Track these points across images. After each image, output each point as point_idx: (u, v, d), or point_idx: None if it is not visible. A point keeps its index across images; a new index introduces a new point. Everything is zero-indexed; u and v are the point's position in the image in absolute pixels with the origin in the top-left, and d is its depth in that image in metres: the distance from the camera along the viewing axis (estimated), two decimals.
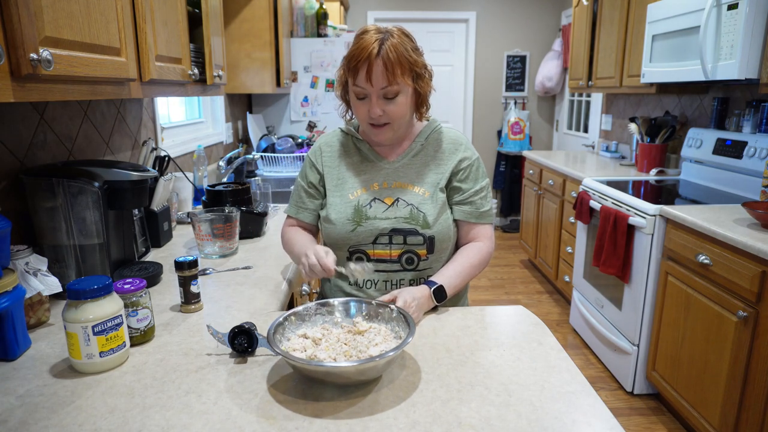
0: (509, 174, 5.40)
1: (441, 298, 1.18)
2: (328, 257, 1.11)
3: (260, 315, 1.18)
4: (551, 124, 5.50)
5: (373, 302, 1.05)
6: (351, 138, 1.33)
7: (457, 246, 1.32)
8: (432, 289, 1.16)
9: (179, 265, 1.16)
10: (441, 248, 1.25)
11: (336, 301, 1.07)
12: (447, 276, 1.21)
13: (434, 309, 1.21)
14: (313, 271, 1.11)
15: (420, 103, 1.24)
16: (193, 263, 1.17)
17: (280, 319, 0.98)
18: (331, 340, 0.96)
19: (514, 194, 5.45)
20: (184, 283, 1.18)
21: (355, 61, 1.13)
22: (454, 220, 1.28)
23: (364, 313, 1.05)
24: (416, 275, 1.26)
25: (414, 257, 1.24)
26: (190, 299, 1.19)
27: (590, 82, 3.74)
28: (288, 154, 3.13)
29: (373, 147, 1.30)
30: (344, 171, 1.30)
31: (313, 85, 3.63)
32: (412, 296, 1.11)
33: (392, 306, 1.02)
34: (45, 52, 0.82)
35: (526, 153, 4.28)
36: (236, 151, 3.08)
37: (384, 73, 1.13)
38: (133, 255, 1.48)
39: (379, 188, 1.26)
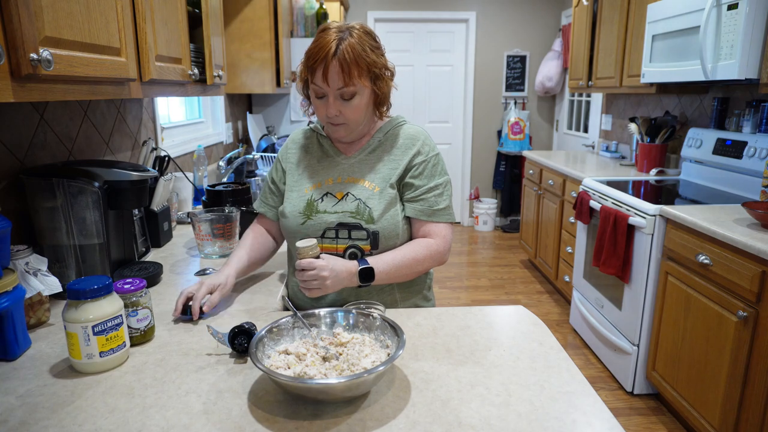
0: (509, 174, 5.40)
1: (367, 279, 1.15)
2: (197, 299, 1.15)
3: (260, 315, 1.18)
4: (551, 124, 5.50)
5: (353, 311, 1.02)
6: (316, 134, 1.34)
7: None
8: (360, 267, 1.14)
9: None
10: (386, 245, 1.23)
11: (316, 312, 1.02)
12: (383, 261, 1.18)
13: (431, 309, 1.21)
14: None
15: (379, 102, 1.23)
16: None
17: (256, 338, 0.91)
18: (315, 355, 0.91)
19: (514, 194, 5.45)
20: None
21: (313, 60, 1.13)
22: (407, 218, 1.26)
23: (344, 324, 1.01)
24: None
25: (357, 252, 1.22)
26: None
27: (590, 82, 3.74)
28: None
29: (333, 143, 1.31)
30: (304, 167, 1.31)
31: None
32: (330, 267, 1.10)
33: (374, 314, 1.00)
34: (45, 52, 0.82)
35: (526, 153, 4.28)
36: (236, 151, 3.08)
37: (340, 74, 1.12)
38: (133, 255, 1.48)
39: (333, 183, 1.26)
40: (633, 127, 3.30)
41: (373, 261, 1.17)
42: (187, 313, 1.16)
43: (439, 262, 1.26)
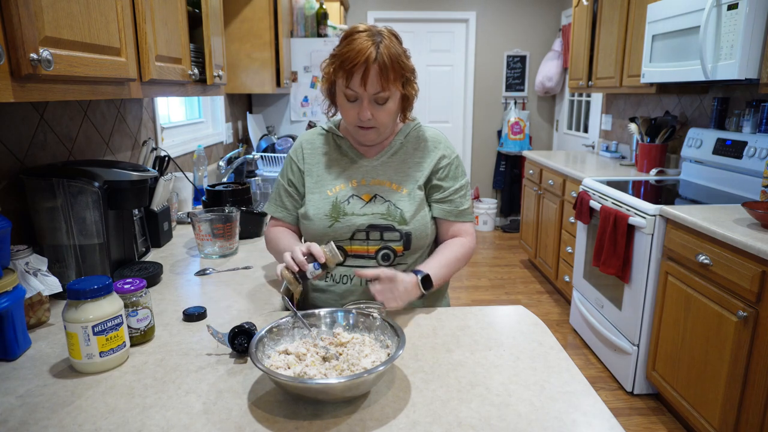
0: (509, 174, 5.40)
1: (428, 287, 1.17)
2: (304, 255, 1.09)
3: (260, 315, 1.18)
4: (551, 124, 5.50)
5: (353, 311, 1.02)
6: (331, 135, 1.33)
7: (437, 244, 1.33)
8: (419, 277, 1.15)
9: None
10: (417, 245, 1.25)
11: (316, 312, 1.02)
12: (433, 266, 1.20)
13: (428, 307, 1.21)
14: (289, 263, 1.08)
15: (406, 106, 1.25)
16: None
17: (256, 338, 0.90)
18: (315, 355, 0.91)
19: (514, 194, 5.45)
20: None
21: (351, 64, 1.12)
22: (434, 218, 1.29)
23: (344, 324, 1.01)
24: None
25: (390, 253, 1.24)
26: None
27: (590, 82, 3.74)
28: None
29: (353, 144, 1.31)
30: (324, 168, 1.30)
31: (313, 85, 3.63)
32: (401, 278, 1.11)
33: (374, 314, 0.99)
34: (45, 52, 0.82)
35: (526, 153, 4.28)
36: (236, 151, 3.08)
37: (378, 79, 1.13)
38: (133, 255, 1.48)
39: (357, 185, 1.27)
40: (633, 127, 3.29)
41: (424, 268, 1.18)
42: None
43: (469, 260, 1.31)
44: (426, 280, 1.16)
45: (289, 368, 0.87)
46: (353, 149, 1.31)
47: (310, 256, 1.07)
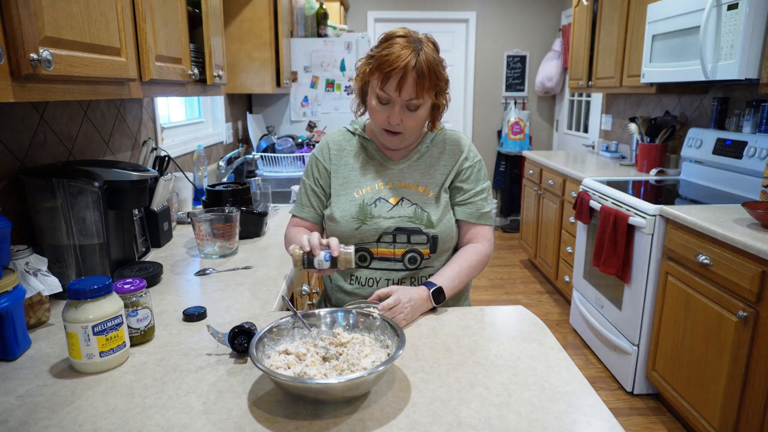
0: (509, 174, 5.40)
1: (440, 299, 1.18)
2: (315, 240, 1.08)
3: (260, 315, 1.18)
4: (551, 124, 5.50)
5: (353, 311, 1.02)
6: (357, 137, 1.33)
7: (457, 246, 1.33)
8: (431, 290, 1.17)
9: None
10: (444, 248, 1.27)
11: (316, 312, 1.02)
12: (446, 277, 1.21)
13: (433, 309, 1.21)
14: (302, 248, 1.07)
15: (435, 115, 1.26)
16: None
17: (256, 338, 0.90)
18: (315, 355, 0.91)
19: (514, 194, 5.45)
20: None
21: (389, 68, 1.12)
22: (456, 221, 1.30)
23: (344, 324, 1.01)
24: (415, 273, 1.27)
25: (417, 256, 1.25)
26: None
27: (590, 82, 3.74)
28: (288, 154, 3.14)
29: (379, 147, 1.31)
30: (350, 170, 1.30)
31: (313, 85, 3.63)
32: (408, 297, 1.11)
33: (374, 314, 0.99)
34: (45, 52, 0.82)
35: (526, 153, 4.28)
36: (236, 151, 3.08)
37: (414, 87, 1.13)
38: (133, 255, 1.48)
39: (384, 188, 1.27)
40: (633, 127, 3.30)
41: (437, 281, 1.19)
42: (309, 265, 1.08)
43: (485, 265, 1.31)
44: (438, 293, 1.17)
45: (289, 368, 0.87)
46: (379, 152, 1.31)
47: (328, 248, 1.08)
